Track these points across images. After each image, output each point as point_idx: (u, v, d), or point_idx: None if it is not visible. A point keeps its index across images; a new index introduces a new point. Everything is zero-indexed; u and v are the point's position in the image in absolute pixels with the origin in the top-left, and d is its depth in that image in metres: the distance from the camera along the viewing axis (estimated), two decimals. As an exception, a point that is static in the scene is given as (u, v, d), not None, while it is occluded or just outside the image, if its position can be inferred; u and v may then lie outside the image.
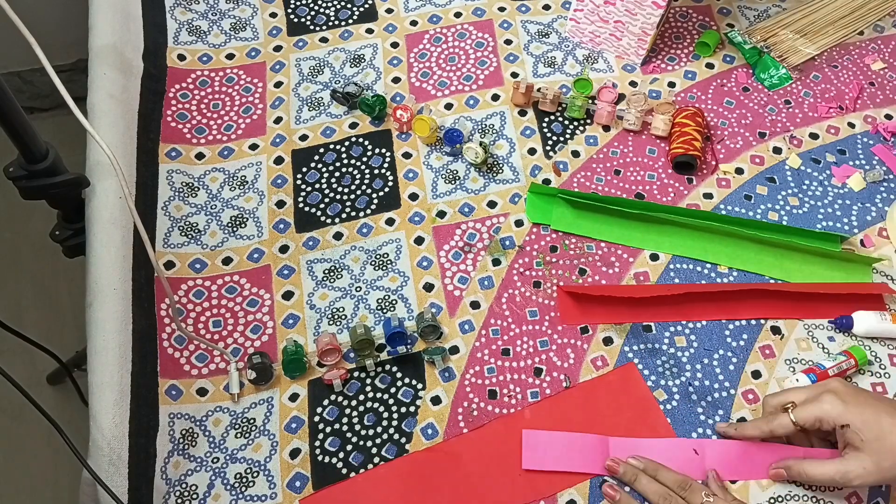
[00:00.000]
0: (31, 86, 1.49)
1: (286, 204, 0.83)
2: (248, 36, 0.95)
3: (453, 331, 0.77)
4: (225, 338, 0.76)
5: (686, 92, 0.92)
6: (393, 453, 0.71)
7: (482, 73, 0.93)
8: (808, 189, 0.86)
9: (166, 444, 0.70)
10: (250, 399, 0.73)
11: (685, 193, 0.85)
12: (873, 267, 0.80)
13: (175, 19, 0.95)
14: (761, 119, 0.90)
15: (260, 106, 0.90)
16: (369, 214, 0.83)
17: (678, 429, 0.72)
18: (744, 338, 0.77)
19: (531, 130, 0.89)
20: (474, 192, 0.85)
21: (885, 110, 0.91)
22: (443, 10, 0.98)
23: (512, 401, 0.73)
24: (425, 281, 0.79)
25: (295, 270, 0.80)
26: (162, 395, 0.72)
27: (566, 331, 0.77)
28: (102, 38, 0.86)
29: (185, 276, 0.79)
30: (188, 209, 0.83)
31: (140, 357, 0.72)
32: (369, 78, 0.92)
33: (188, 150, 0.86)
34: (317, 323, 0.77)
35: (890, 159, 0.88)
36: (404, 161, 0.86)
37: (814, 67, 0.95)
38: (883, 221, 0.84)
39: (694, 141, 0.85)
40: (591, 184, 0.85)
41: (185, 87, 0.90)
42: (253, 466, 0.70)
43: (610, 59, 0.95)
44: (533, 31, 0.97)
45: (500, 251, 0.81)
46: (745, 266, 0.80)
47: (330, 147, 0.87)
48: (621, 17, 0.89)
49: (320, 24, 0.97)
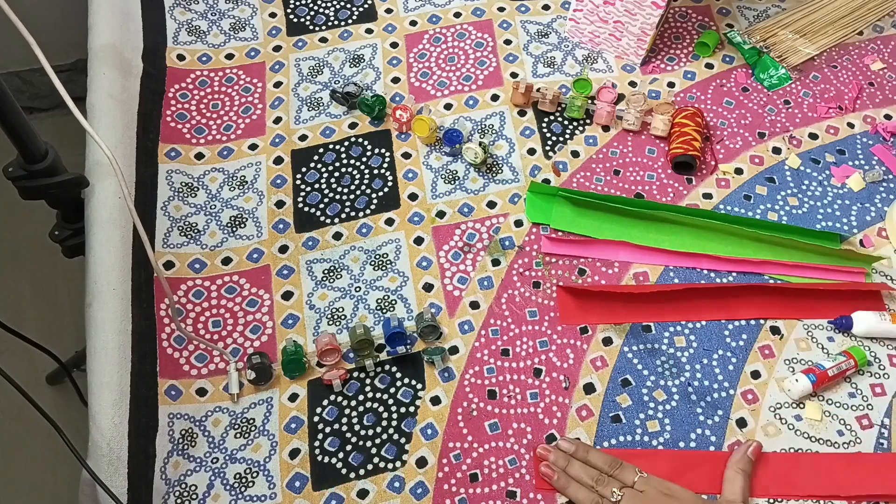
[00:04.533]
0: (30, 86, 1.49)
1: (286, 204, 0.83)
2: (247, 36, 0.95)
3: (453, 331, 0.77)
4: (224, 338, 0.76)
5: (685, 92, 0.92)
6: (392, 453, 0.71)
7: (482, 73, 0.93)
8: (807, 189, 0.86)
9: (166, 444, 0.70)
10: (250, 399, 0.73)
11: (685, 193, 0.85)
12: (873, 267, 0.80)
13: (174, 19, 0.95)
14: (761, 119, 0.90)
15: (259, 106, 0.90)
16: (369, 214, 0.83)
17: (677, 430, 0.72)
18: (743, 338, 0.77)
19: (531, 130, 0.89)
20: (474, 193, 0.85)
21: (885, 110, 0.91)
22: (442, 10, 0.98)
23: (511, 401, 0.73)
24: (425, 281, 0.79)
25: (294, 270, 0.80)
26: (161, 395, 0.72)
27: (566, 331, 0.77)
28: (102, 38, 0.86)
29: (184, 276, 0.79)
30: (188, 209, 0.83)
31: (139, 357, 0.72)
32: (369, 78, 0.92)
33: (188, 150, 0.86)
34: (316, 323, 0.77)
35: (889, 159, 0.88)
36: (404, 161, 0.86)
37: (813, 68, 0.95)
38: (882, 221, 0.84)
39: (693, 141, 0.85)
40: (590, 184, 0.85)
41: (185, 87, 0.90)
42: (252, 466, 0.70)
43: (609, 59, 0.95)
44: (532, 31, 0.96)
45: (500, 251, 0.81)
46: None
47: (329, 147, 0.87)
48: (620, 17, 0.89)
49: (320, 24, 0.96)
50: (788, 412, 0.73)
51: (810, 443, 0.72)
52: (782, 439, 0.71)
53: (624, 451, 0.71)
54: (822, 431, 0.72)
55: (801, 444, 0.71)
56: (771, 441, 0.71)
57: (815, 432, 0.72)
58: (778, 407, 0.73)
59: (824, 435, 0.72)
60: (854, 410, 0.73)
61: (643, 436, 0.72)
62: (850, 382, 0.75)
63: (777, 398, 0.74)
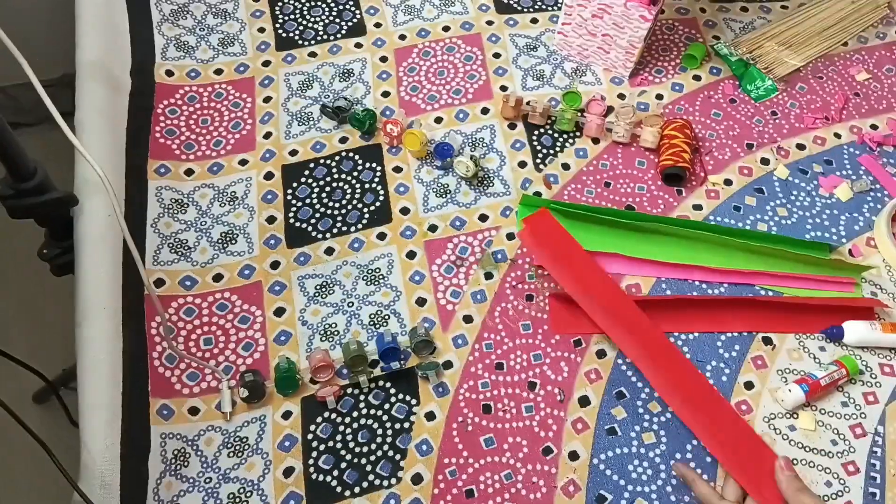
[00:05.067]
0: (14, 101, 1.48)
1: (277, 219, 0.83)
2: (236, 51, 0.95)
3: (446, 345, 0.76)
4: (216, 355, 0.75)
5: (674, 104, 0.93)
6: (388, 470, 0.70)
7: (471, 86, 0.93)
8: (796, 199, 0.86)
9: (158, 464, 0.69)
10: (243, 417, 0.72)
11: (675, 205, 0.86)
12: (862, 276, 0.81)
13: (163, 35, 0.95)
14: (748, 130, 0.91)
15: (249, 121, 0.90)
16: (361, 229, 0.83)
17: (672, 441, 0.72)
18: (736, 349, 0.77)
19: (521, 143, 0.89)
20: (465, 206, 0.85)
21: (871, 120, 0.92)
22: (431, 25, 0.98)
23: (506, 415, 0.73)
24: (418, 295, 0.79)
25: (286, 286, 0.79)
26: (153, 414, 0.71)
27: (560, 344, 0.77)
28: (90, 54, 0.86)
29: (175, 293, 0.78)
30: (178, 226, 0.82)
31: (130, 377, 0.71)
32: (359, 92, 0.92)
33: (177, 166, 0.86)
34: (309, 339, 0.76)
35: (876, 169, 0.89)
36: (395, 175, 0.86)
37: (799, 79, 0.96)
38: (871, 231, 0.84)
39: (683, 153, 0.85)
40: (581, 196, 0.86)
41: (174, 102, 0.90)
42: (246, 486, 0.69)
43: (598, 71, 0.95)
44: (521, 45, 0.97)
45: (493, 265, 0.81)
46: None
47: (320, 162, 0.87)
48: (609, 30, 0.90)
49: (309, 39, 0.96)
50: (782, 422, 0.73)
51: (804, 452, 0.72)
52: (776, 449, 0.72)
53: None
54: (816, 441, 0.72)
55: (795, 454, 0.71)
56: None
57: (810, 442, 0.72)
58: (772, 417, 0.73)
59: (818, 444, 0.72)
60: (847, 419, 0.74)
61: (639, 447, 0.72)
62: (843, 392, 0.75)
63: (771, 408, 0.74)
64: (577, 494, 0.70)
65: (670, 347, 0.75)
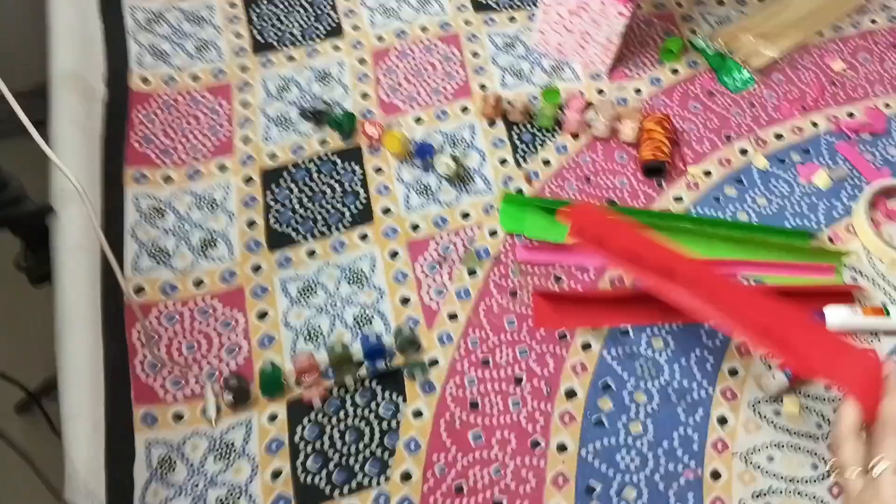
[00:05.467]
0: (-12, 113, 1.46)
1: (257, 223, 0.82)
2: (212, 57, 0.94)
3: (432, 343, 0.76)
4: (200, 361, 0.75)
5: (653, 98, 0.93)
6: (376, 469, 0.70)
7: (451, 86, 0.93)
8: (775, 189, 0.87)
9: (143, 472, 0.69)
10: (228, 422, 0.72)
11: (656, 198, 0.86)
12: (842, 262, 0.82)
13: (137, 42, 0.94)
14: (727, 122, 0.92)
15: (227, 126, 0.89)
16: (342, 231, 0.82)
17: (659, 429, 0.72)
18: (719, 337, 0.77)
19: (501, 141, 0.89)
20: (447, 205, 0.85)
21: (847, 108, 0.93)
22: (409, 25, 0.98)
23: (494, 410, 0.73)
24: (401, 295, 0.79)
25: (268, 290, 0.79)
26: (137, 422, 0.71)
27: (545, 338, 0.77)
28: (63, 63, 0.85)
29: (155, 300, 0.77)
30: (156, 233, 0.81)
31: (113, 385, 0.71)
32: (338, 95, 0.92)
33: (154, 173, 0.85)
34: (293, 342, 0.76)
35: (853, 156, 0.89)
36: (376, 176, 0.86)
37: (776, 69, 0.96)
38: (849, 217, 0.85)
39: (662, 146, 0.86)
40: (562, 192, 0.86)
41: (150, 110, 0.89)
42: (234, 490, 0.69)
43: (577, 68, 0.95)
44: (499, 43, 0.97)
45: (476, 262, 0.81)
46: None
47: (300, 165, 0.87)
48: (586, 27, 0.90)
49: (286, 43, 0.96)
50: (767, 408, 0.74)
51: (790, 437, 0.72)
52: (762, 434, 0.72)
53: None
54: (802, 425, 0.73)
55: (781, 439, 0.72)
56: (751, 437, 0.72)
57: (795, 426, 0.73)
58: (757, 403, 0.74)
59: (803, 428, 0.73)
60: (831, 403, 0.74)
61: (626, 437, 0.72)
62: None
63: (755, 394, 0.74)
64: (566, 486, 0.70)
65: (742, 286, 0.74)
